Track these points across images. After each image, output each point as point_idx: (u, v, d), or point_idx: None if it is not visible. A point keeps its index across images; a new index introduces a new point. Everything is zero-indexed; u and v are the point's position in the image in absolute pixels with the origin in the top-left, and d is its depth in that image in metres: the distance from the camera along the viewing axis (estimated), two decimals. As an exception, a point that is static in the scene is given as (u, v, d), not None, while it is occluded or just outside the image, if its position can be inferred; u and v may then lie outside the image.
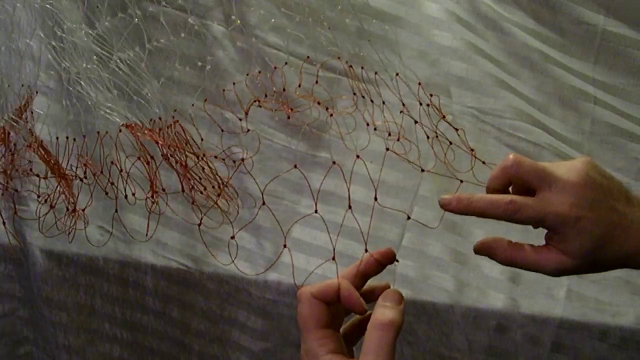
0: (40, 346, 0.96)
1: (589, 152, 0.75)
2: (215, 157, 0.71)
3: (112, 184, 0.69)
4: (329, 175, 0.81)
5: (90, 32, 0.68)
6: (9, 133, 0.72)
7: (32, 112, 0.73)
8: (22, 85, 0.71)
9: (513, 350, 0.80)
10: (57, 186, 0.71)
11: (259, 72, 0.76)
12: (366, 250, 0.46)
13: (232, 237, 0.58)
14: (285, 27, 0.76)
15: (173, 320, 0.91)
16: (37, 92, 0.74)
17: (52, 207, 0.71)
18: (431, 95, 0.70)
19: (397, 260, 0.46)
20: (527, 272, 0.77)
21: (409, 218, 0.55)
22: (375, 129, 0.70)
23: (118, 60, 0.67)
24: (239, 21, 0.76)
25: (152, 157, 0.67)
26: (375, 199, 0.53)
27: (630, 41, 0.71)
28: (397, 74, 0.71)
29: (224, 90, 0.77)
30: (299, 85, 0.75)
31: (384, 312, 0.41)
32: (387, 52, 0.74)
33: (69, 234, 0.72)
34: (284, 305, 0.84)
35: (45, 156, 0.71)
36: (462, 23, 0.75)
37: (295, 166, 0.58)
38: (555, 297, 0.78)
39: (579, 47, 0.73)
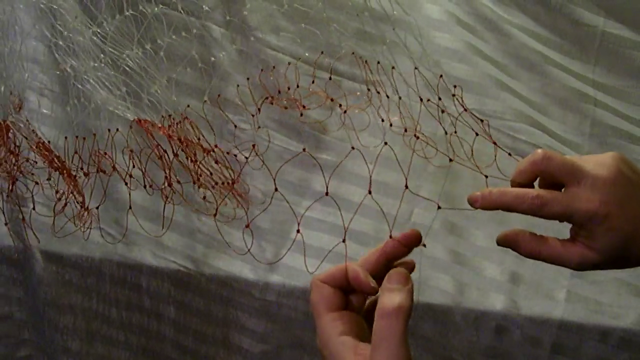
0: (40, 348, 0.96)
1: (589, 153, 0.75)
2: (227, 153, 0.72)
3: (131, 176, 0.70)
4: (330, 178, 0.81)
5: (98, 30, 0.68)
6: (7, 134, 0.72)
7: (24, 113, 0.73)
8: (11, 92, 0.71)
9: (513, 352, 0.80)
10: (68, 187, 0.71)
11: (273, 67, 0.76)
12: (390, 236, 0.43)
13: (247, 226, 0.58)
14: (286, 28, 0.76)
15: (173, 322, 0.90)
16: (23, 95, 0.74)
17: (64, 206, 0.71)
18: (455, 86, 0.70)
19: (424, 245, 0.44)
20: (527, 274, 0.78)
21: (439, 207, 0.54)
22: (386, 122, 0.70)
23: (127, 58, 0.67)
24: (238, 21, 0.76)
25: (164, 151, 0.68)
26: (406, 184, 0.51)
27: (630, 42, 0.71)
28: (416, 68, 0.71)
29: (238, 85, 0.77)
30: (312, 82, 0.76)
31: (390, 296, 0.38)
32: (388, 52, 0.74)
33: (83, 232, 0.72)
34: (285, 307, 0.84)
35: (50, 157, 0.71)
36: (462, 25, 0.75)
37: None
38: (555, 299, 0.78)
39: (578, 48, 0.73)
